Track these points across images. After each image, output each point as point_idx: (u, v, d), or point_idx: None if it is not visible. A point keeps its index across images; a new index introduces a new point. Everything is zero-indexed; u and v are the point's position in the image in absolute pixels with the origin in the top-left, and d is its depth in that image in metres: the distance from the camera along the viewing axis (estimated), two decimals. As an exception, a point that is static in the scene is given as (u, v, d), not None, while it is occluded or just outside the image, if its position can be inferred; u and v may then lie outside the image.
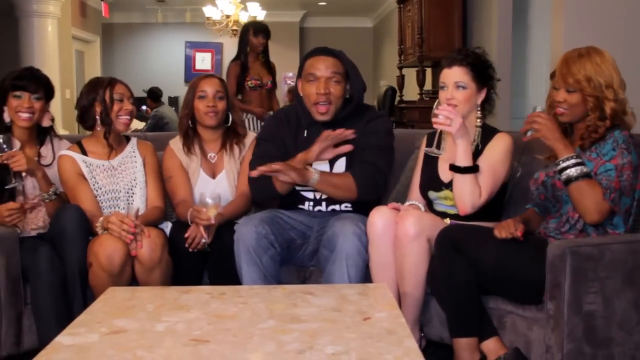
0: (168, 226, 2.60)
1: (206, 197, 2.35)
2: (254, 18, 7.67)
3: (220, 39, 10.37)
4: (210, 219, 2.36)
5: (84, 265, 2.30)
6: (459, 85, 2.33)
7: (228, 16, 8.19)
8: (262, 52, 4.78)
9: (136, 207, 2.42)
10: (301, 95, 2.54)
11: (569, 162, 2.02)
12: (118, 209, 2.52)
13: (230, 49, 10.25)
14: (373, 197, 2.49)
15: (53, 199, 2.47)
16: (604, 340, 1.95)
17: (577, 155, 2.05)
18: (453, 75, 2.34)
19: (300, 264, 2.57)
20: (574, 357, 1.93)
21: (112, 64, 10.61)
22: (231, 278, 2.33)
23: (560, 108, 2.12)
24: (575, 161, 2.02)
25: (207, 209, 2.33)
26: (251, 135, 2.79)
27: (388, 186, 2.66)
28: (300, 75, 2.55)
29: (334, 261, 2.28)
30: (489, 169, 2.30)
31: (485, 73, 2.37)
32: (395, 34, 7.32)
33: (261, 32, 4.72)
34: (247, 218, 2.40)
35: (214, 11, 8.21)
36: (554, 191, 2.17)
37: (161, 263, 2.32)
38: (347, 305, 1.81)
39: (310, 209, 2.57)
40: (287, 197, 2.53)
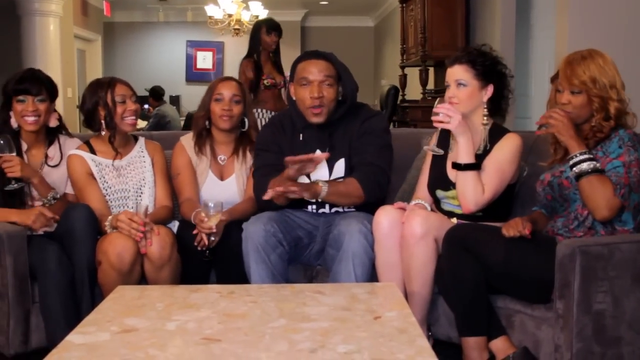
0: (175, 225, 2.61)
1: (209, 206, 2.30)
2: (256, 17, 7.64)
3: (222, 38, 10.33)
4: (212, 229, 2.35)
5: (93, 264, 2.29)
6: (459, 83, 2.33)
7: (230, 15, 8.17)
8: (274, 51, 4.64)
9: (145, 205, 2.42)
10: (294, 99, 2.54)
11: (581, 157, 2.03)
12: (127, 208, 2.51)
13: (232, 48, 10.27)
14: (378, 198, 2.49)
15: (52, 203, 2.47)
16: (613, 339, 1.95)
17: (590, 152, 2.06)
18: (454, 74, 2.35)
19: (307, 263, 2.57)
20: (583, 357, 1.93)
21: (114, 62, 10.60)
22: (238, 277, 2.33)
23: (565, 110, 2.12)
24: (587, 156, 2.03)
25: (209, 219, 2.32)
26: None
27: (392, 185, 2.66)
28: (292, 79, 2.55)
29: (341, 260, 2.28)
30: (496, 168, 2.30)
31: (490, 70, 2.35)
32: (396, 34, 7.32)
33: (274, 30, 4.58)
34: (256, 217, 2.39)
35: (216, 10, 8.19)
36: (561, 190, 2.17)
37: (171, 261, 2.32)
38: (357, 304, 1.81)
39: (314, 211, 2.57)
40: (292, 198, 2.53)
